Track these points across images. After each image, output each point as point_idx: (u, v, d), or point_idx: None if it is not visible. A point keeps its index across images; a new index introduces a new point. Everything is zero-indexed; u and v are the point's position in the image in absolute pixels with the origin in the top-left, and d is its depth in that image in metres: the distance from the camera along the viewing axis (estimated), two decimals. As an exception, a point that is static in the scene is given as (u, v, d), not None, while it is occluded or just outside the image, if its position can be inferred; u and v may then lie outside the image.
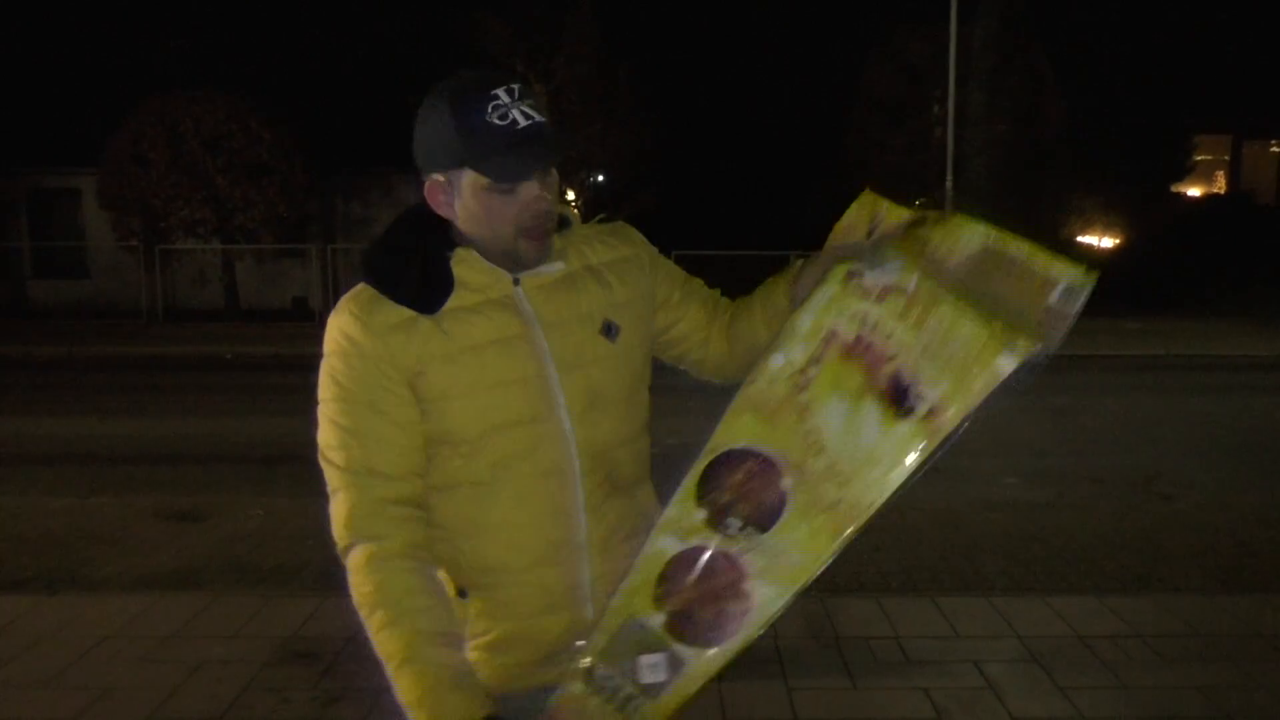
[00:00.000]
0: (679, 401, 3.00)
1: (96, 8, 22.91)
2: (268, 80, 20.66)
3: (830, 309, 1.54)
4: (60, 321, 19.42)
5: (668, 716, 1.53)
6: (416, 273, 1.55)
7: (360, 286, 1.57)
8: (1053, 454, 8.10)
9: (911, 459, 1.39)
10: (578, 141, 18.57)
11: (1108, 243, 25.08)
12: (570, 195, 21.36)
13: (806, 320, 1.56)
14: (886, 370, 1.43)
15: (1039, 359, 1.33)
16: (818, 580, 1.47)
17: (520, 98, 1.50)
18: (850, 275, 1.54)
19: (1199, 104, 25.01)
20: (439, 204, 1.56)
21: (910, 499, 5.55)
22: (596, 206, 20.76)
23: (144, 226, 19.73)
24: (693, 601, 1.52)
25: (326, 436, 1.54)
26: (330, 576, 4.99)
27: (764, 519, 1.49)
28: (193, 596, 4.58)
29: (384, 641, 1.48)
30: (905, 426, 1.40)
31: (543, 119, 1.51)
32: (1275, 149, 31.54)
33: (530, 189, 1.52)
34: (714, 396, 1.74)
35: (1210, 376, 12.97)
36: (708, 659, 1.51)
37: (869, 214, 1.67)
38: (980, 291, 1.40)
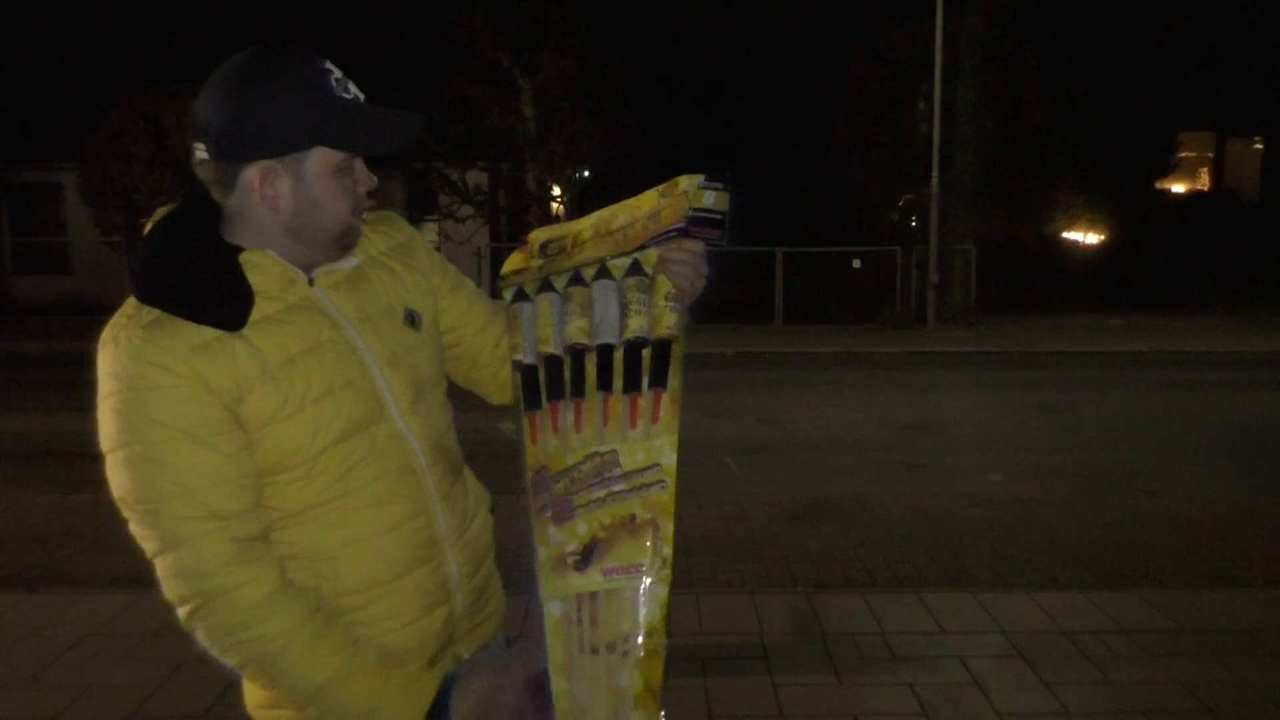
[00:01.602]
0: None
1: (78, 1, 22.76)
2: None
3: None
4: (42, 317, 19.30)
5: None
6: (211, 285, 1.38)
7: (136, 309, 1.37)
8: (1038, 450, 8.13)
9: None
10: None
11: (1092, 239, 25.20)
12: (556, 191, 21.32)
13: None
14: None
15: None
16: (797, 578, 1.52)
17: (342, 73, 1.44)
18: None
19: (1183, 101, 25.16)
20: (266, 196, 1.40)
21: (896, 495, 5.58)
22: (582, 202, 20.72)
23: (126, 222, 19.62)
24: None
25: (138, 485, 1.33)
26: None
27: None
28: (175, 594, 4.54)
29: (305, 676, 1.38)
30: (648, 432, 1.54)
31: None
32: (1259, 146, 31.76)
33: (361, 165, 1.48)
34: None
35: (1194, 373, 13.04)
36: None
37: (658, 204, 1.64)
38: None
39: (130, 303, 1.38)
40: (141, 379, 1.32)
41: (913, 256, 19.58)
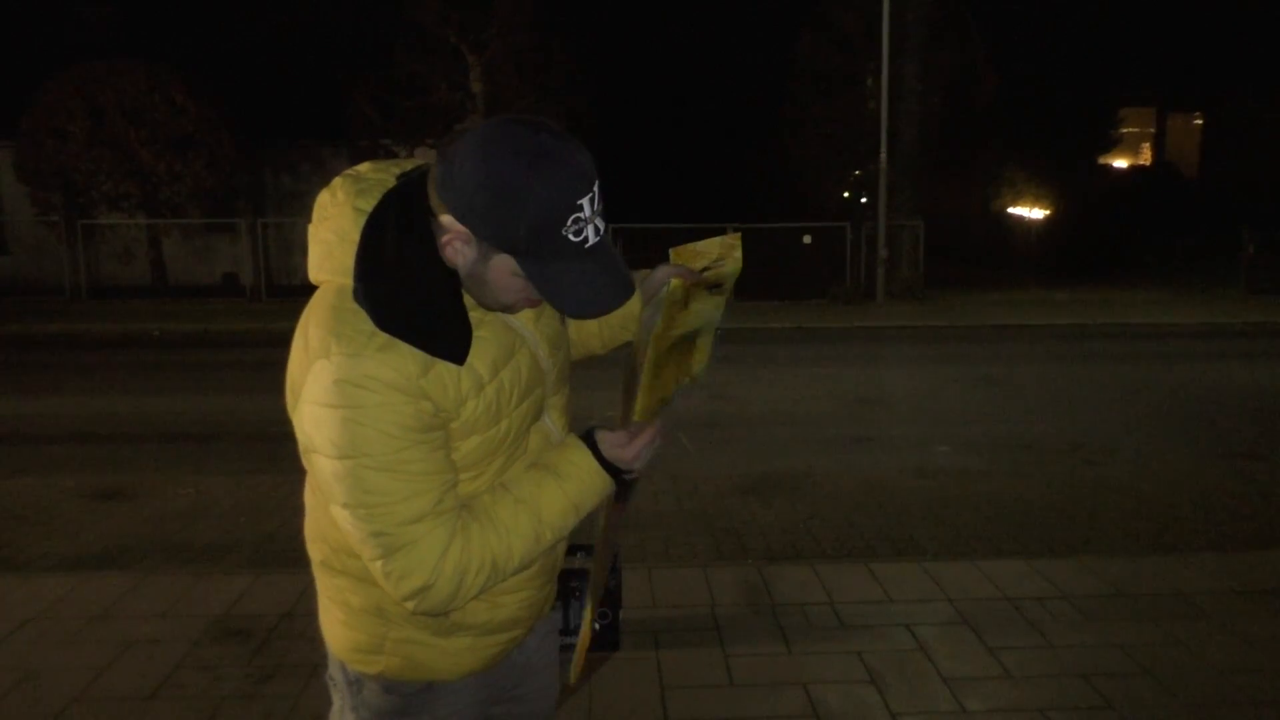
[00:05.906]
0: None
1: (10, -27, 22.13)
2: (191, 50, 20.16)
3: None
4: (-22, 299, 18.84)
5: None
6: (446, 324, 1.43)
7: (367, 327, 1.37)
8: (983, 422, 8.26)
9: None
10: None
11: (1037, 214, 25.52)
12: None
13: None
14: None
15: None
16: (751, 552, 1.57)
17: (597, 207, 1.39)
18: (642, 321, 1.74)
19: (1124, 77, 25.55)
20: (450, 250, 1.41)
21: (845, 468, 5.63)
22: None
23: (65, 201, 19.20)
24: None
25: (366, 492, 1.38)
26: (264, 554, 4.94)
27: None
28: (121, 576, 4.48)
29: (560, 514, 1.53)
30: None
31: (604, 231, 1.42)
32: (1198, 121, 32.35)
33: None
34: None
35: (1134, 345, 13.31)
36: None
37: (718, 254, 1.75)
38: (663, 366, 1.63)
39: (341, 315, 1.39)
40: (374, 395, 1.36)
41: (862, 232, 19.72)
